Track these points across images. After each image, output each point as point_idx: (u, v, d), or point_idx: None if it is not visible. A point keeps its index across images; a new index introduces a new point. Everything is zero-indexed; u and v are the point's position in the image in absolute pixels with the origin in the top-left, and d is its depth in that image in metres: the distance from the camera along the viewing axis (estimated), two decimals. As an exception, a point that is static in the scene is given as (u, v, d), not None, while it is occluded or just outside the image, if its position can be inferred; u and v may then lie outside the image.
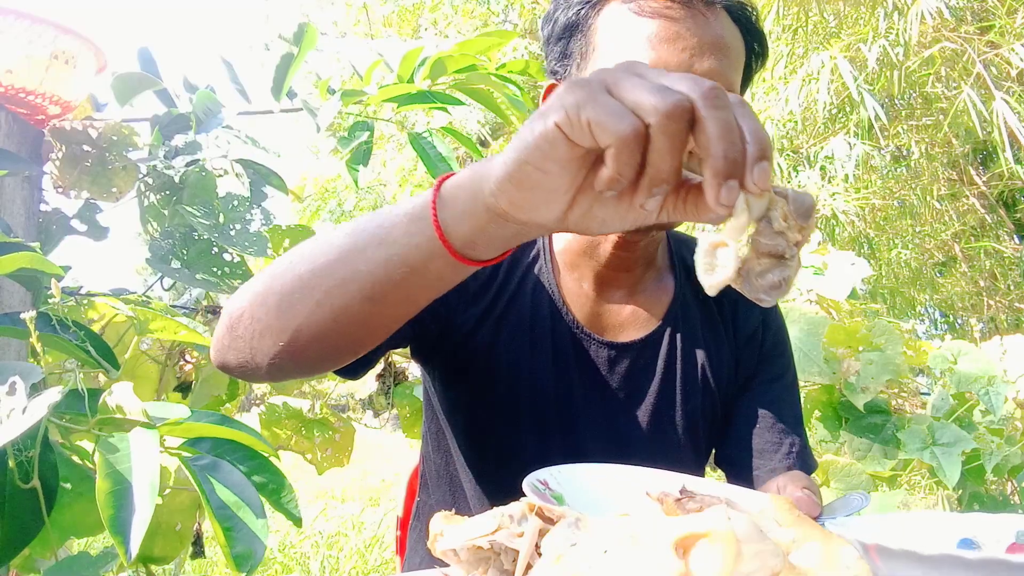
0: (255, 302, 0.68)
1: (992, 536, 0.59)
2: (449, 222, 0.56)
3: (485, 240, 0.56)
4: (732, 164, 0.45)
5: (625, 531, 0.39)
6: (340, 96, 1.62)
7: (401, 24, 9.18)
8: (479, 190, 0.54)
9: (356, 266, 0.62)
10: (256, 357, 0.69)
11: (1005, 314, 5.98)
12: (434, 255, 0.58)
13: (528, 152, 0.49)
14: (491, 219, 0.54)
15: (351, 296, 0.62)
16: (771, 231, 0.48)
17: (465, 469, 1.01)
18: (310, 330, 0.65)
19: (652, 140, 0.45)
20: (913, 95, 5.42)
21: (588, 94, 0.46)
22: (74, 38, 1.39)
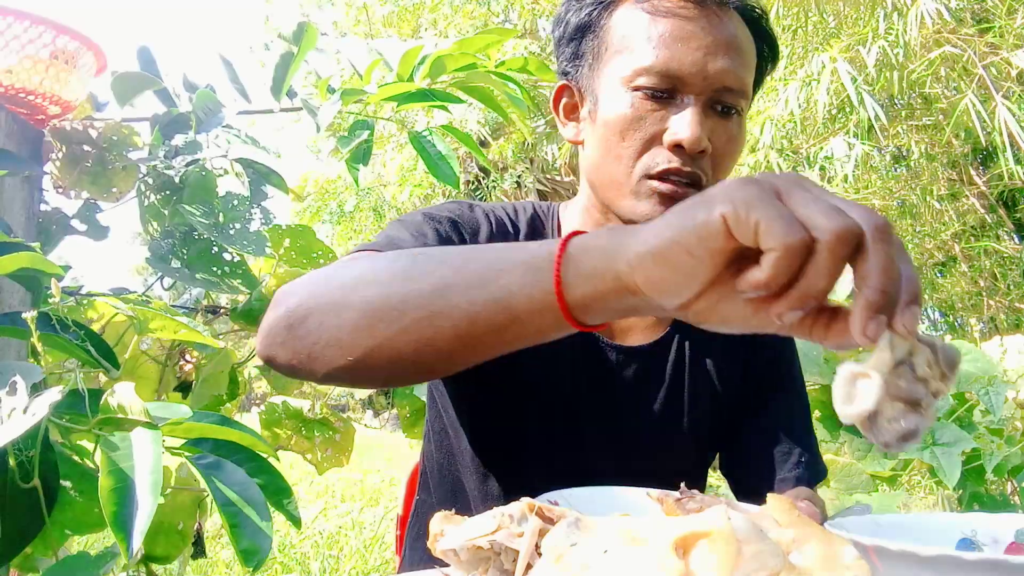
0: (327, 310, 0.66)
1: (991, 536, 0.59)
2: (571, 282, 0.55)
3: (601, 307, 0.55)
4: (886, 300, 0.45)
5: (625, 531, 0.39)
6: (340, 95, 1.62)
7: (401, 24, 9.18)
8: (614, 257, 0.53)
9: (455, 302, 0.60)
10: (315, 363, 0.67)
11: (1005, 314, 5.99)
12: (545, 310, 0.56)
13: (683, 235, 0.48)
14: (617, 289, 0.53)
15: (441, 331, 0.60)
16: (912, 376, 0.47)
17: (468, 468, 1.01)
18: (386, 354, 0.63)
19: (815, 257, 0.45)
20: (913, 95, 5.43)
21: (759, 195, 0.46)
22: (74, 38, 1.39)
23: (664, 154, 0.86)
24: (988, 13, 4.74)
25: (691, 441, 1.02)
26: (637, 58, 0.87)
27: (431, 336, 0.61)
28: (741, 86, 0.88)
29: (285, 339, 0.68)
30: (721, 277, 0.49)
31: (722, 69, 0.86)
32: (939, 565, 0.44)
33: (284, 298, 0.70)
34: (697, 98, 0.86)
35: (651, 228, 0.51)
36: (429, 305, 0.61)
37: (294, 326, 0.67)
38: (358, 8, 9.38)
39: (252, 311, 1.64)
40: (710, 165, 0.88)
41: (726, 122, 0.89)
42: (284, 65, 1.61)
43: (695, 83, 0.86)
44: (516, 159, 8.27)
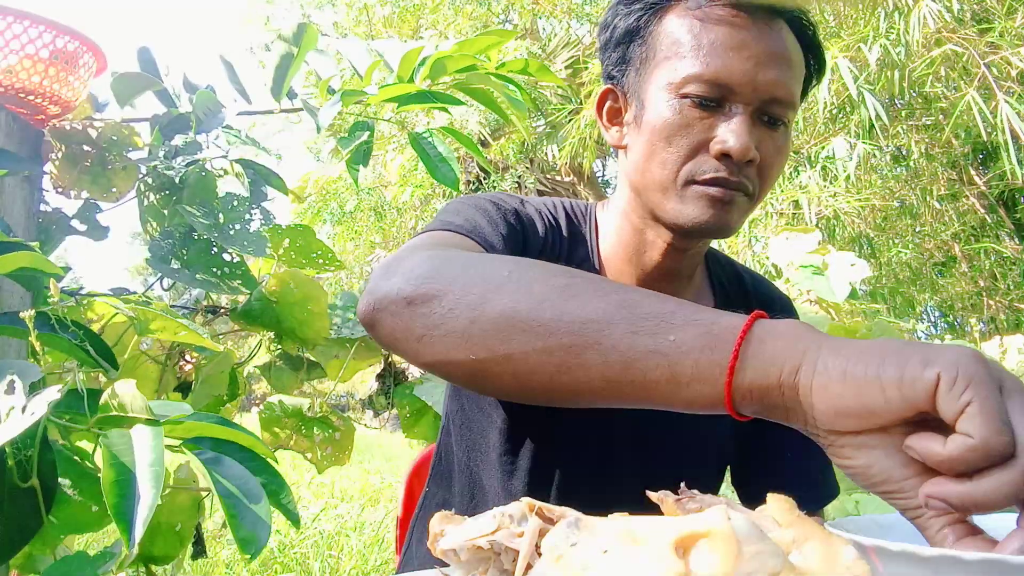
0: (463, 300, 0.62)
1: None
2: (745, 364, 0.53)
3: (761, 400, 0.53)
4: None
5: (625, 531, 0.39)
6: (340, 96, 1.62)
7: (401, 24, 9.19)
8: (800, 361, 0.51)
9: (615, 342, 0.56)
10: (425, 347, 0.63)
11: (1005, 314, 5.98)
12: (707, 380, 0.54)
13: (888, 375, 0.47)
14: (789, 388, 0.51)
15: (587, 366, 0.57)
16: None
17: (492, 465, 1.01)
18: (515, 367, 0.59)
19: (1003, 472, 0.44)
20: (913, 95, 5.42)
21: (984, 379, 0.44)
22: (74, 38, 1.39)
23: (711, 162, 0.86)
24: (988, 13, 4.74)
25: (715, 450, 1.03)
26: (687, 65, 0.87)
27: (574, 366, 0.57)
28: (790, 97, 0.88)
29: (401, 313, 0.65)
30: (891, 427, 0.48)
31: (772, 80, 0.86)
32: (939, 565, 0.44)
33: (402, 268, 0.67)
34: (746, 108, 0.86)
35: (854, 350, 0.49)
36: (585, 335, 0.57)
37: (416, 304, 0.64)
38: (359, 9, 9.38)
39: (252, 311, 1.64)
40: (756, 175, 0.88)
41: (773, 133, 0.89)
42: (284, 66, 1.61)
43: (744, 93, 0.85)
44: (516, 159, 8.28)
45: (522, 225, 0.94)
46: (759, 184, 0.89)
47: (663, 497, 0.54)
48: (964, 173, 5.83)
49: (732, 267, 1.12)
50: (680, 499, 0.52)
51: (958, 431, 0.44)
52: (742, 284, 1.09)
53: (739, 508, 0.48)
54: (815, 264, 2.22)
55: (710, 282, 1.07)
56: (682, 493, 0.54)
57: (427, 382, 1.94)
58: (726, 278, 1.09)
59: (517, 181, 8.31)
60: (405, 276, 0.66)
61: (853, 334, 2.08)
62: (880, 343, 0.49)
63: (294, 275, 1.65)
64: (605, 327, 0.56)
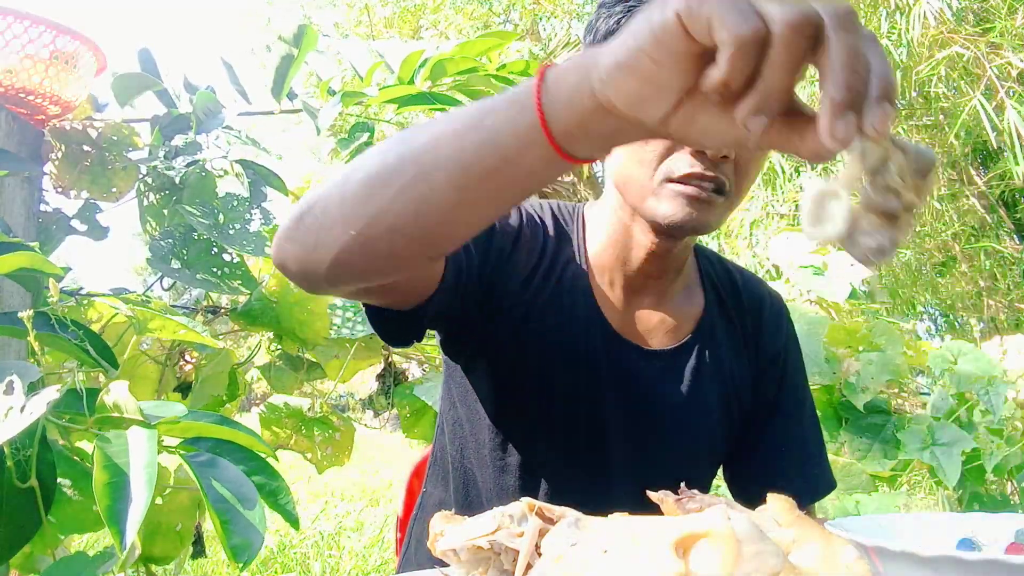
0: (331, 192, 0.66)
1: (992, 536, 0.59)
2: (551, 109, 0.53)
3: (585, 133, 0.53)
4: (853, 96, 0.42)
5: (625, 531, 0.39)
6: (340, 97, 1.62)
7: (401, 25, 9.19)
8: (587, 77, 0.51)
9: (447, 152, 0.59)
10: (319, 250, 0.66)
11: (1005, 314, 5.98)
12: (532, 144, 0.55)
13: (643, 40, 0.46)
14: (595, 109, 0.51)
15: (437, 183, 0.59)
16: (884, 187, 0.44)
17: (484, 462, 1.01)
18: (386, 219, 0.62)
19: (771, 50, 0.43)
20: (914, 95, 5.42)
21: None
22: (74, 38, 1.39)
23: (686, 159, 0.86)
24: (989, 13, 4.74)
25: (706, 445, 1.03)
26: None
27: (428, 192, 0.60)
28: None
29: (294, 233, 0.68)
30: (695, 88, 0.47)
31: None
32: (939, 565, 0.44)
33: (298, 202, 0.70)
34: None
35: (617, 40, 0.49)
36: (422, 158, 0.60)
37: (302, 217, 0.68)
38: (359, 9, 9.38)
39: (252, 311, 1.64)
40: (733, 171, 0.88)
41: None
42: (284, 67, 1.62)
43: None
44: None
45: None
46: (736, 180, 0.89)
47: (663, 497, 0.54)
48: (964, 173, 5.83)
49: (722, 264, 1.13)
50: (680, 499, 0.52)
51: (718, 45, 0.43)
52: (732, 281, 1.10)
53: (739, 508, 0.48)
54: (815, 264, 2.22)
55: (701, 278, 1.07)
56: (682, 493, 0.54)
57: (427, 382, 1.94)
58: (716, 275, 1.09)
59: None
60: (297, 205, 0.69)
61: (853, 334, 2.08)
62: (632, 21, 0.49)
63: (294, 275, 1.64)
64: (436, 144, 0.60)
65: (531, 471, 0.99)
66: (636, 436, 0.99)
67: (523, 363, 0.97)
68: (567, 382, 0.97)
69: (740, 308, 1.07)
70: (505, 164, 0.57)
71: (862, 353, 2.06)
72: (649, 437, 0.99)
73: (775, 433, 1.05)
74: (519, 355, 0.97)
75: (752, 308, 1.08)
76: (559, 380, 0.97)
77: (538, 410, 0.97)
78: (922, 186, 0.44)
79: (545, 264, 0.98)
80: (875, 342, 2.07)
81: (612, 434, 0.98)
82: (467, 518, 0.53)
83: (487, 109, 0.58)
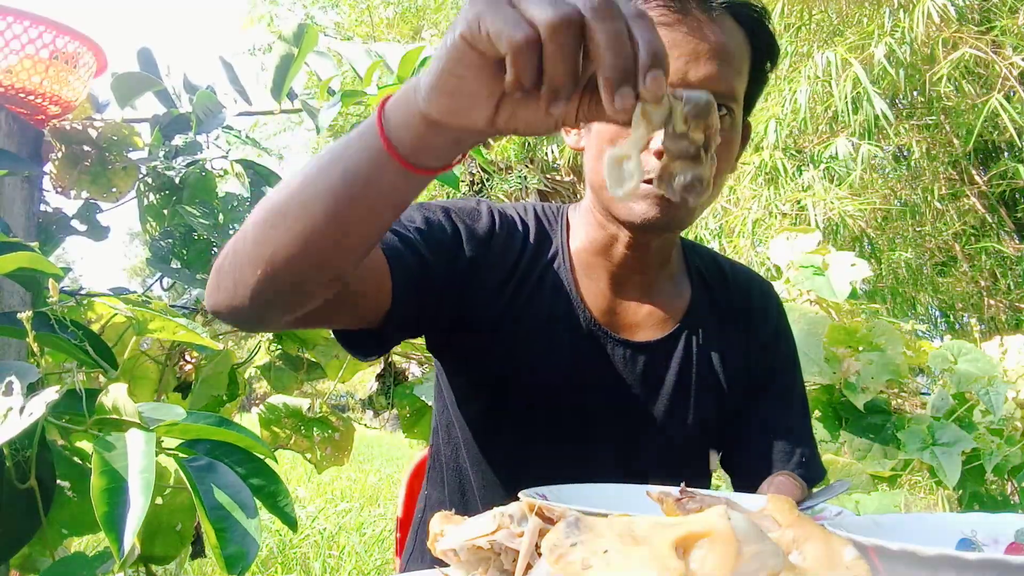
0: (237, 239, 0.73)
1: (992, 536, 0.59)
2: (394, 133, 0.60)
3: (428, 147, 0.60)
4: (623, 72, 0.49)
5: (625, 531, 0.39)
6: (340, 97, 1.62)
7: (402, 26, 9.19)
8: (413, 100, 0.57)
9: (317, 187, 0.66)
10: (239, 290, 0.72)
11: (1005, 314, 5.98)
12: (386, 166, 0.61)
13: (444, 62, 0.53)
14: (428, 127, 0.57)
15: (316, 216, 0.66)
16: (675, 135, 0.51)
17: (476, 461, 1.02)
18: (282, 254, 0.68)
19: (544, 49, 0.49)
20: (915, 94, 5.42)
21: (488, 5, 0.49)
22: (74, 38, 1.39)
23: (652, 160, 0.86)
24: (990, 12, 4.74)
25: (696, 436, 1.03)
26: None
27: (311, 225, 0.66)
28: (728, 91, 0.88)
29: (218, 281, 0.75)
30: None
31: (705, 76, 0.86)
32: (939, 565, 0.44)
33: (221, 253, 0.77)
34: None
35: (430, 65, 0.55)
36: (299, 197, 0.67)
37: (220, 266, 0.74)
38: (361, 10, 9.38)
39: (252, 311, 1.64)
40: None
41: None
42: (284, 67, 1.62)
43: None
44: (517, 159, 8.28)
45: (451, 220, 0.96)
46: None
47: (663, 497, 0.54)
48: (965, 173, 5.82)
49: (711, 255, 1.14)
50: (680, 499, 0.52)
51: (502, 54, 0.50)
52: (721, 271, 1.11)
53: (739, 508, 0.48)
54: (815, 264, 2.22)
55: (688, 270, 1.08)
56: (682, 493, 0.54)
57: (427, 382, 1.94)
58: (704, 266, 1.10)
59: (523, 184, 8.32)
60: (217, 258, 0.76)
61: (853, 334, 2.07)
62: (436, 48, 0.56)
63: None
64: (310, 181, 0.67)
65: (518, 469, 0.99)
66: (625, 429, 1.00)
67: (504, 364, 0.97)
68: (551, 379, 0.97)
69: (729, 298, 1.08)
70: (368, 187, 0.63)
71: (862, 353, 2.06)
72: (638, 429, 1.00)
73: (763, 421, 1.06)
74: (499, 356, 0.97)
75: (741, 297, 1.09)
76: (542, 377, 0.97)
77: (523, 407, 0.98)
78: (708, 124, 0.51)
79: (524, 264, 0.99)
80: (875, 342, 2.07)
81: (599, 428, 0.99)
82: (467, 518, 0.53)
83: (345, 143, 0.65)
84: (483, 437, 1.01)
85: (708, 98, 0.52)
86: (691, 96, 0.51)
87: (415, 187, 0.65)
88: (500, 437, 1.01)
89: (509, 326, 0.97)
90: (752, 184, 5.10)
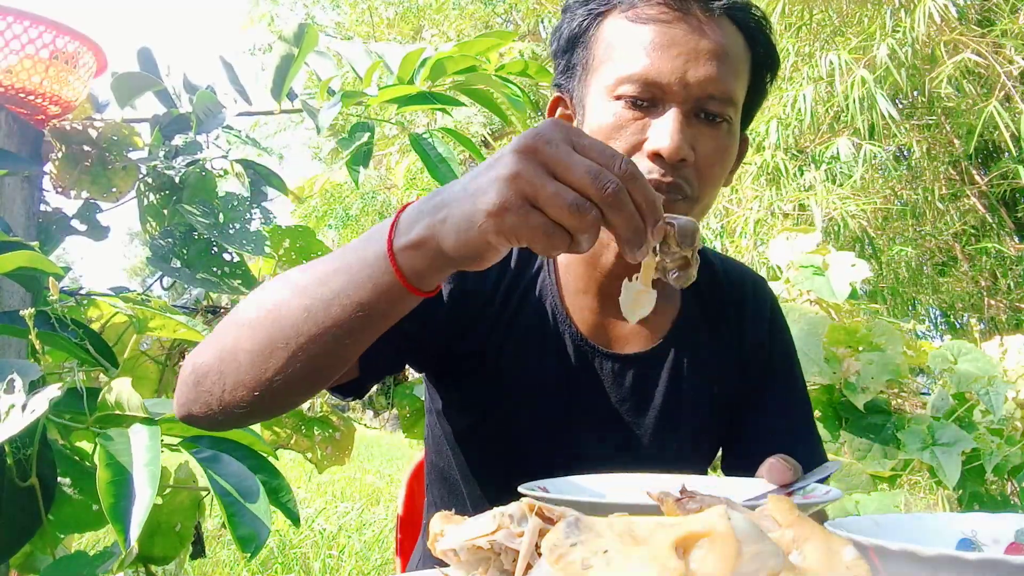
0: (224, 359, 0.72)
1: (991, 536, 0.59)
2: (409, 273, 0.63)
3: (438, 276, 0.65)
4: (637, 235, 0.59)
5: (625, 531, 0.39)
6: (340, 97, 1.62)
7: (403, 25, 9.19)
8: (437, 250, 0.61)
9: (322, 321, 0.67)
10: (227, 408, 0.73)
11: (1005, 314, 5.98)
12: (403, 298, 0.65)
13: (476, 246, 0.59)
14: (448, 265, 0.63)
15: (322, 344, 0.68)
16: (669, 251, 0.64)
17: (467, 475, 1.01)
18: (284, 378, 0.69)
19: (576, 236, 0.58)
20: (916, 95, 5.42)
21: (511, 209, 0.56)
22: (74, 38, 1.39)
23: (645, 163, 0.85)
24: (990, 12, 4.73)
25: (691, 445, 1.01)
26: (619, 67, 0.87)
27: (316, 352, 0.68)
28: (726, 94, 0.87)
29: (196, 396, 0.74)
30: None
31: (704, 77, 0.85)
32: (939, 565, 0.44)
33: (189, 362, 0.76)
34: (679, 106, 0.85)
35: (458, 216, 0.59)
36: (304, 329, 0.68)
37: (200, 382, 0.74)
38: (362, 10, 9.38)
39: (252, 311, 1.64)
40: (694, 175, 0.87)
41: (713, 131, 0.88)
42: (284, 66, 1.61)
43: (676, 91, 0.85)
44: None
45: None
46: (697, 185, 0.87)
47: (663, 497, 0.54)
48: (965, 173, 5.82)
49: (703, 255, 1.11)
50: (680, 499, 0.52)
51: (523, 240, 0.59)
52: (713, 272, 1.08)
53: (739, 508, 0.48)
54: (815, 264, 2.22)
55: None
56: (682, 493, 0.54)
57: (427, 382, 1.94)
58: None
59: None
60: (188, 365, 0.75)
61: (853, 334, 2.07)
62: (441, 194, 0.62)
63: (294, 275, 1.64)
64: (314, 316, 0.68)
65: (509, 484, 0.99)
66: (616, 444, 0.98)
67: (490, 384, 0.96)
68: (538, 397, 0.96)
69: (721, 300, 1.06)
70: (379, 317, 0.67)
71: (862, 353, 2.06)
72: (630, 443, 0.98)
73: (761, 425, 1.04)
74: (484, 376, 0.96)
75: (734, 298, 1.06)
76: (529, 396, 0.95)
77: (510, 426, 0.97)
78: (692, 246, 0.64)
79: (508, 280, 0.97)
80: (875, 342, 2.07)
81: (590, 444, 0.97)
82: (467, 518, 0.53)
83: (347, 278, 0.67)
84: (473, 454, 1.00)
85: (695, 224, 0.63)
86: (680, 223, 0.62)
87: (417, 302, 0.68)
88: (492, 454, 0.99)
89: (494, 346, 0.95)
90: (754, 184, 5.10)
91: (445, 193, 0.62)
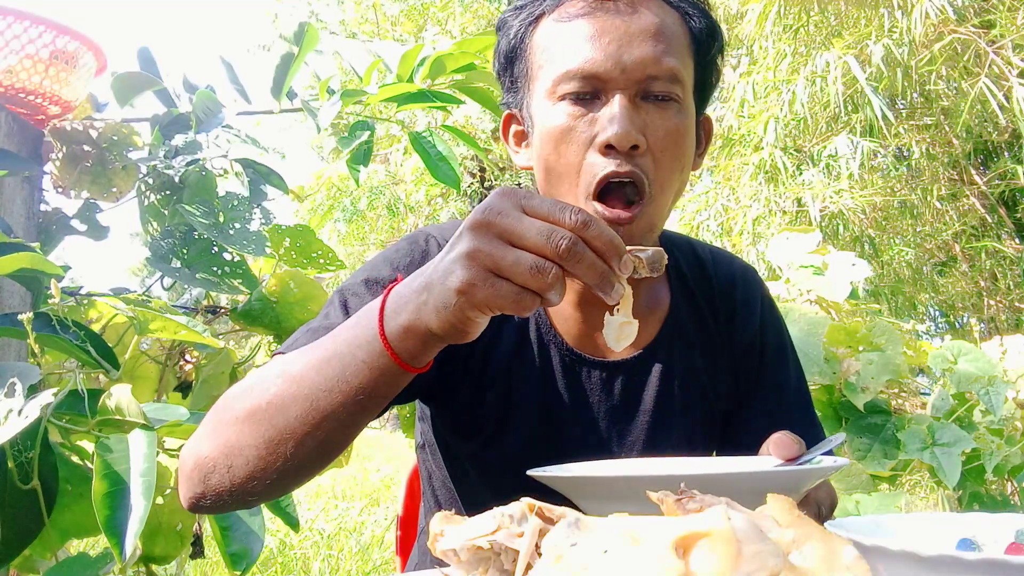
0: (231, 454, 0.73)
1: (992, 536, 0.59)
2: (403, 354, 0.66)
3: (431, 353, 0.68)
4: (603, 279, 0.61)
5: (625, 531, 0.39)
6: (340, 96, 1.62)
7: (406, 23, 9.19)
8: (427, 332, 0.64)
9: (325, 408, 0.69)
10: (240, 497, 0.75)
11: (1005, 314, 5.98)
12: (399, 377, 0.68)
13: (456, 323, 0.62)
14: (438, 343, 0.66)
15: (328, 429, 0.70)
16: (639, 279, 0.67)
17: (458, 482, 1.01)
18: (295, 463, 0.72)
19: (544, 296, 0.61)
20: (915, 95, 5.42)
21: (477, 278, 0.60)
22: (74, 38, 1.39)
23: (599, 160, 0.84)
24: (989, 11, 4.74)
25: (682, 447, 1.00)
26: (556, 67, 0.86)
27: (322, 438, 0.71)
28: (668, 72, 0.85)
29: (205, 490, 0.76)
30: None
31: (640, 58, 0.84)
32: (939, 565, 0.44)
33: (189, 456, 0.77)
34: (623, 93, 0.84)
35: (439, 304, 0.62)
36: (310, 419, 0.70)
37: (207, 477, 0.75)
38: (366, 7, 9.38)
39: (252, 311, 1.64)
40: (651, 163, 0.85)
41: (662, 112, 0.86)
42: (285, 66, 1.61)
43: (615, 78, 0.84)
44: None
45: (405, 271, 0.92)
46: (656, 174, 0.86)
47: (663, 497, 0.54)
48: (965, 173, 5.82)
49: (691, 249, 1.08)
50: (680, 499, 0.52)
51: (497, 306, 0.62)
52: (702, 267, 1.06)
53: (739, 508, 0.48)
54: (815, 264, 2.22)
55: (667, 272, 1.01)
56: (682, 493, 0.54)
57: (427, 382, 1.94)
58: (685, 264, 1.05)
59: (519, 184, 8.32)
60: (191, 461, 0.77)
61: (853, 334, 2.07)
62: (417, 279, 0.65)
63: (294, 275, 1.64)
64: (317, 407, 0.70)
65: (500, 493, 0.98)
66: (607, 450, 0.96)
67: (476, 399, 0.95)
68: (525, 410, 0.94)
69: (711, 296, 1.04)
70: (381, 398, 0.70)
71: (862, 353, 2.06)
72: (621, 448, 0.97)
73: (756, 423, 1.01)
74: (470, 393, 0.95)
75: (724, 293, 1.04)
76: (516, 410, 0.94)
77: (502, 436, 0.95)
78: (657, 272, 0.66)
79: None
80: (875, 342, 2.07)
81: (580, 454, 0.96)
82: (467, 518, 0.53)
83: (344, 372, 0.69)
84: (465, 463, 0.99)
85: (660, 252, 0.65)
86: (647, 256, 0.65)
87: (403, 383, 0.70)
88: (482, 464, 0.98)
89: (478, 363, 0.94)
90: (752, 182, 5.10)
91: (426, 274, 0.65)
